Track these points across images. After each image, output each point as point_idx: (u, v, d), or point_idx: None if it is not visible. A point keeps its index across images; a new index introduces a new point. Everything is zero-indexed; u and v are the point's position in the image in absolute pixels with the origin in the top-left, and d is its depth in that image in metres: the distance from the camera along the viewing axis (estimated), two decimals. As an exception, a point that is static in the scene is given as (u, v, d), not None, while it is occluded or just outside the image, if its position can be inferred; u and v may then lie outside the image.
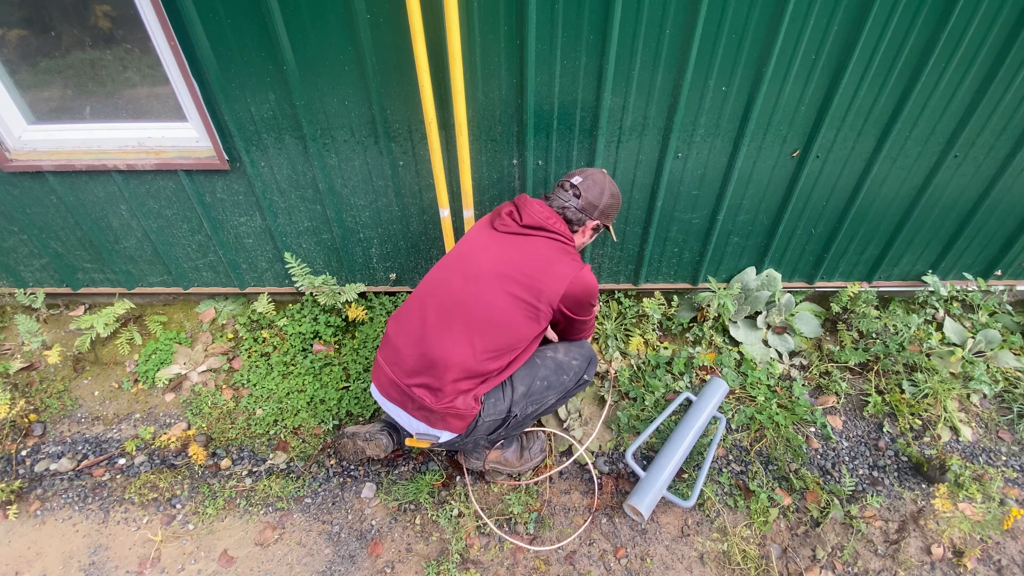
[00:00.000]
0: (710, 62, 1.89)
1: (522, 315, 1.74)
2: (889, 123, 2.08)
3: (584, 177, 1.83)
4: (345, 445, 2.07)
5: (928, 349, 2.49)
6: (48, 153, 2.16)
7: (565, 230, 1.82)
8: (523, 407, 1.84)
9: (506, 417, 1.82)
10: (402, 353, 1.77)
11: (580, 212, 1.82)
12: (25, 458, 2.32)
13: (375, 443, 2.03)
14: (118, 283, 2.63)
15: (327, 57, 1.86)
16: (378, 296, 2.68)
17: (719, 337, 2.60)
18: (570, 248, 1.82)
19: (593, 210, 1.83)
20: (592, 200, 1.82)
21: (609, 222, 1.93)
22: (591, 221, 1.85)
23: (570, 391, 1.99)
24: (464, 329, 1.71)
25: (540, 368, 1.89)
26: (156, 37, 1.85)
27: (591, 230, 1.89)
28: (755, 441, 2.33)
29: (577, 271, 1.76)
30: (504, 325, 1.73)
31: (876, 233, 2.48)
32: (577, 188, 1.81)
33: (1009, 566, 2.01)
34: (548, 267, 1.76)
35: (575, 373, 1.96)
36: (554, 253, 1.78)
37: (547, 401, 1.91)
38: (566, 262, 1.78)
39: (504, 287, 1.72)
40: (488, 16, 1.78)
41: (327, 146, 2.11)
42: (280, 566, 2.01)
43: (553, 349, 1.96)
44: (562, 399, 1.99)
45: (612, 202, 1.86)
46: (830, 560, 2.01)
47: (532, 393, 1.85)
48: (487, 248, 1.79)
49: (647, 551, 2.04)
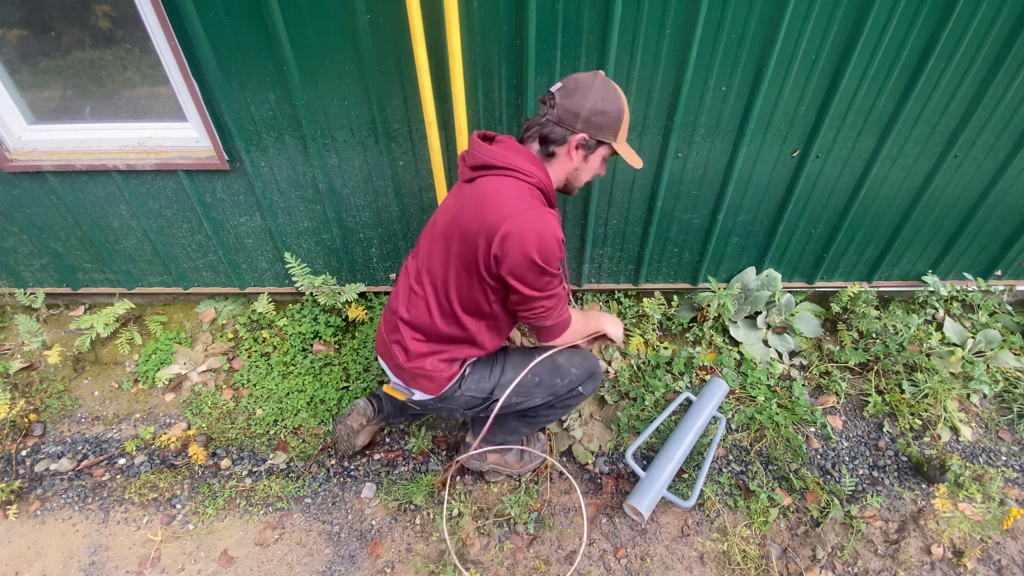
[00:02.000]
0: (710, 62, 1.89)
1: (468, 279, 1.48)
2: (889, 123, 2.08)
3: (565, 81, 1.41)
4: (337, 432, 2.11)
5: (928, 349, 2.49)
6: (48, 153, 2.16)
7: (520, 162, 1.43)
8: (508, 395, 1.74)
9: (487, 397, 1.74)
10: (388, 310, 1.75)
11: (557, 125, 1.40)
12: (25, 458, 2.32)
13: (355, 412, 2.08)
14: (118, 283, 2.63)
15: (327, 57, 1.86)
16: (378, 296, 2.68)
17: (719, 337, 2.60)
18: (526, 184, 1.43)
19: (574, 119, 1.39)
20: (571, 107, 1.38)
21: (607, 136, 1.44)
22: (574, 136, 1.41)
23: (561, 398, 1.86)
24: (428, 291, 1.59)
25: (536, 362, 1.80)
26: (156, 37, 1.85)
27: (576, 148, 1.44)
28: (755, 441, 2.33)
29: (517, 212, 1.35)
30: (456, 290, 1.52)
31: (876, 233, 2.48)
32: (553, 95, 1.40)
33: (1009, 566, 2.01)
34: (481, 213, 1.40)
35: (570, 381, 1.82)
36: (497, 195, 1.40)
37: (533, 398, 1.80)
38: (503, 203, 1.38)
39: (448, 248, 1.49)
40: (488, 16, 1.78)
41: (327, 146, 2.11)
42: (280, 566, 2.01)
43: (558, 351, 1.85)
44: (551, 407, 1.88)
45: (604, 108, 1.39)
46: (830, 560, 2.01)
47: (520, 383, 1.74)
48: (447, 205, 1.56)
49: (647, 551, 2.04)
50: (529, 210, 1.37)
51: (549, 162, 1.49)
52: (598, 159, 1.51)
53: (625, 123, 1.47)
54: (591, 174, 1.57)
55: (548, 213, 1.40)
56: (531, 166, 1.44)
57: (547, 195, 1.50)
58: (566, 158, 1.46)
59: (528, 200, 1.40)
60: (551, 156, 1.47)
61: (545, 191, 1.48)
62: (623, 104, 1.43)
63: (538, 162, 1.46)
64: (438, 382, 1.67)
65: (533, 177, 1.44)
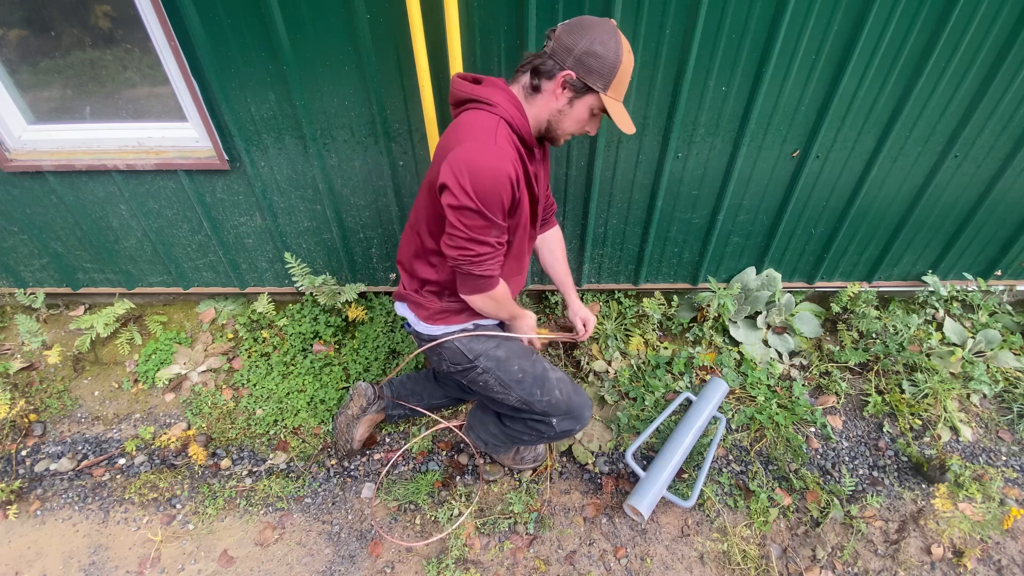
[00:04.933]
0: (710, 62, 1.89)
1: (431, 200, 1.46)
2: (889, 123, 2.08)
3: (572, 20, 1.35)
4: (337, 425, 2.15)
5: (928, 349, 2.49)
6: (48, 153, 2.16)
7: (491, 94, 1.37)
8: (491, 370, 1.70)
9: (471, 360, 1.69)
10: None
11: (550, 58, 1.34)
12: (25, 458, 2.32)
13: (357, 394, 2.13)
14: (118, 283, 2.63)
15: (327, 57, 1.86)
16: (378, 296, 2.68)
17: (719, 337, 2.60)
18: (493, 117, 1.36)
19: (567, 55, 1.31)
20: (567, 42, 1.31)
21: (595, 83, 1.33)
22: (562, 72, 1.33)
23: (532, 415, 1.79)
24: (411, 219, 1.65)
25: (529, 362, 1.75)
26: (156, 37, 1.85)
27: (561, 88, 1.35)
28: (755, 441, 2.33)
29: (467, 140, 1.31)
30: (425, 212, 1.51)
31: (876, 233, 2.48)
32: (555, 29, 1.35)
33: (1009, 566, 2.01)
34: (446, 139, 1.39)
35: (548, 402, 1.75)
36: (461, 125, 1.37)
37: (508, 394, 1.74)
38: (463, 134, 1.34)
39: (426, 180, 1.49)
40: (488, 16, 1.78)
41: (327, 146, 2.11)
42: (280, 566, 2.01)
43: (556, 370, 1.81)
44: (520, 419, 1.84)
45: (599, 51, 1.30)
46: (830, 560, 2.01)
47: (505, 368, 1.71)
48: None
49: (647, 551, 2.04)
50: (479, 142, 1.30)
51: (533, 97, 1.41)
52: (584, 108, 1.40)
53: (621, 78, 1.36)
54: (576, 124, 1.45)
55: (501, 150, 1.31)
56: (501, 98, 1.38)
57: (518, 130, 1.41)
58: (551, 95, 1.38)
59: (487, 133, 1.33)
60: (537, 90, 1.39)
61: (514, 124, 1.40)
62: (623, 56, 1.33)
63: (512, 96, 1.40)
64: (427, 309, 1.67)
65: (500, 108, 1.37)
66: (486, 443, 2.09)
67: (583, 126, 1.46)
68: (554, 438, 1.88)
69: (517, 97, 1.41)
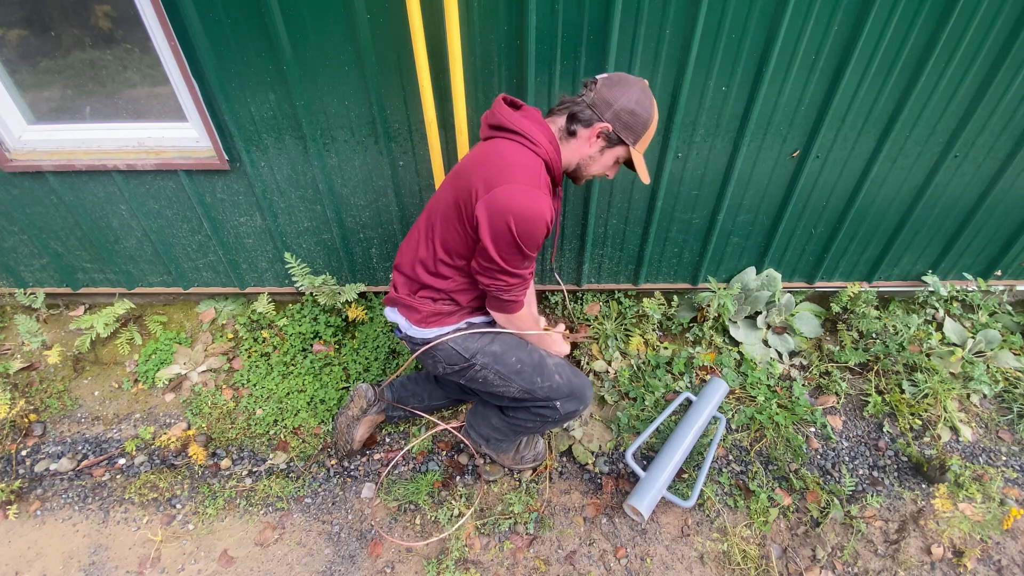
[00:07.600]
0: (710, 62, 1.89)
1: (456, 218, 1.49)
2: (889, 123, 2.08)
3: (612, 74, 1.47)
4: (337, 425, 2.16)
5: (928, 349, 2.49)
6: (48, 153, 2.16)
7: (535, 132, 1.45)
8: (489, 365, 1.72)
9: (468, 359, 1.71)
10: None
11: (589, 107, 1.44)
12: (25, 458, 2.32)
13: (357, 395, 2.16)
14: (118, 283, 2.63)
15: (327, 57, 1.86)
16: (378, 296, 2.68)
17: (719, 337, 2.60)
18: (533, 155, 1.45)
19: (606, 108, 1.43)
20: (608, 96, 1.43)
21: (628, 137, 1.47)
22: (600, 123, 1.44)
23: (535, 403, 1.83)
24: (422, 224, 1.65)
25: (525, 352, 1.77)
26: (156, 37, 1.85)
27: (597, 136, 1.48)
28: (755, 441, 2.33)
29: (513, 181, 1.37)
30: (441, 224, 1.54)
31: (876, 233, 2.48)
32: (596, 80, 1.45)
33: (1009, 566, 2.01)
34: (485, 167, 1.43)
35: (550, 387, 1.78)
36: (503, 156, 1.43)
37: (509, 386, 1.76)
38: (506, 168, 1.40)
39: (450, 188, 1.52)
40: (488, 16, 1.78)
41: (327, 146, 2.11)
42: (280, 566, 2.01)
43: (551, 356, 1.84)
44: (524, 408, 1.86)
45: (636, 110, 1.44)
46: (830, 560, 2.01)
47: (502, 361, 1.72)
48: (464, 158, 1.59)
49: (647, 551, 2.04)
50: (525, 185, 1.39)
51: (568, 141, 1.52)
52: (612, 157, 1.54)
53: (649, 135, 1.52)
54: (601, 169, 1.59)
55: (543, 196, 1.41)
56: (544, 139, 1.46)
57: (552, 170, 1.51)
58: (585, 142, 1.49)
59: (531, 173, 1.42)
60: (572, 135, 1.50)
61: (551, 166, 1.50)
62: (654, 117, 1.49)
63: (553, 137, 1.49)
64: (421, 314, 1.67)
65: (541, 148, 1.46)
66: (488, 439, 2.09)
67: (605, 171, 1.61)
68: (559, 421, 1.91)
69: (556, 138, 1.50)
